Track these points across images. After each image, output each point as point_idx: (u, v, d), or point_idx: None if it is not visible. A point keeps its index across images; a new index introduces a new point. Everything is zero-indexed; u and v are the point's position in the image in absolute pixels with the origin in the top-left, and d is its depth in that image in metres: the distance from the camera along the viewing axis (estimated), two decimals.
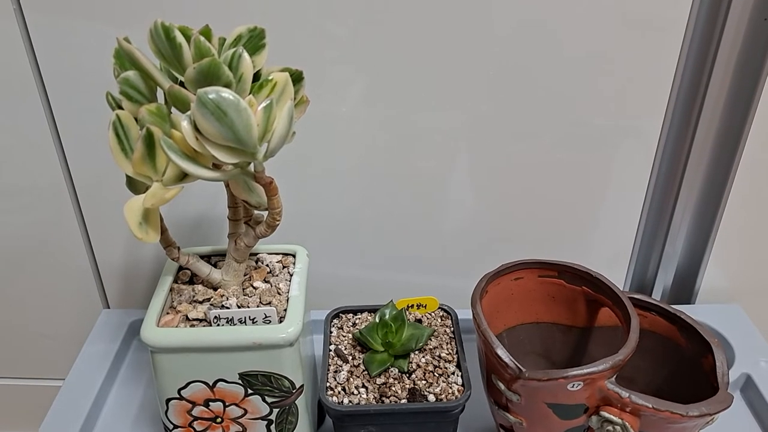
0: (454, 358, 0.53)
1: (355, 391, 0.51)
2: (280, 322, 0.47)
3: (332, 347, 0.55)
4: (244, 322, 0.47)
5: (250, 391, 0.48)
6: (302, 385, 0.49)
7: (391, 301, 0.57)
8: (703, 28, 0.58)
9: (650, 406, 0.44)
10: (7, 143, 0.64)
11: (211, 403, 0.49)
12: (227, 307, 0.48)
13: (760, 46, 0.58)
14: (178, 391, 0.48)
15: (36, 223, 0.69)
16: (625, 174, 0.66)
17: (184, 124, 0.39)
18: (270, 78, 0.42)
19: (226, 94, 0.38)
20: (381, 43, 0.59)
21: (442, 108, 0.62)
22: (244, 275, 0.52)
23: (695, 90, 0.61)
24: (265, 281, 0.52)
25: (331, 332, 0.56)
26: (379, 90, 0.61)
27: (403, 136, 0.64)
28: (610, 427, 0.46)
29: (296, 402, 0.49)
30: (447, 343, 0.55)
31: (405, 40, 0.59)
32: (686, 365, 0.52)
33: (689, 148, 0.64)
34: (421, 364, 0.53)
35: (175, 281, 0.52)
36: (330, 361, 0.53)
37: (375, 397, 0.50)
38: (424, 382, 0.51)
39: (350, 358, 0.53)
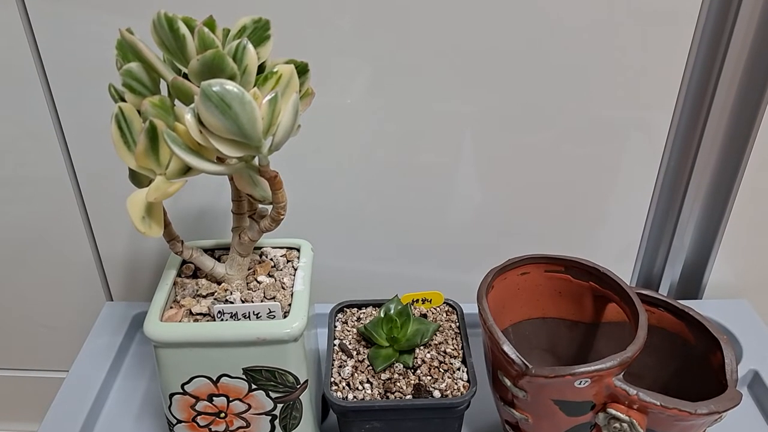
0: (459, 354, 0.53)
1: (360, 387, 0.50)
2: (285, 317, 0.47)
3: (337, 342, 0.54)
4: (248, 317, 0.47)
5: (254, 387, 0.48)
6: (306, 381, 0.48)
7: (396, 295, 0.56)
8: (714, 20, 0.58)
9: (658, 403, 0.44)
10: (10, 134, 0.64)
11: (214, 398, 0.48)
12: (231, 302, 0.48)
13: None
14: (182, 386, 0.48)
15: (39, 214, 0.69)
16: (633, 168, 0.65)
17: (188, 117, 0.39)
18: (275, 70, 0.41)
19: (231, 86, 0.37)
20: (386, 33, 0.58)
21: (448, 100, 0.61)
22: (248, 269, 0.51)
23: (705, 83, 0.61)
24: (270, 275, 0.51)
25: (335, 327, 0.56)
26: (385, 81, 0.60)
27: (409, 128, 0.63)
28: (617, 425, 0.46)
29: (300, 397, 0.49)
30: (452, 339, 0.55)
31: (410, 31, 0.58)
32: (694, 362, 0.51)
33: (699, 142, 0.63)
34: (426, 359, 0.52)
35: (179, 275, 0.52)
36: (334, 356, 0.53)
37: (380, 393, 0.50)
38: (429, 377, 0.51)
39: (355, 353, 0.53)
